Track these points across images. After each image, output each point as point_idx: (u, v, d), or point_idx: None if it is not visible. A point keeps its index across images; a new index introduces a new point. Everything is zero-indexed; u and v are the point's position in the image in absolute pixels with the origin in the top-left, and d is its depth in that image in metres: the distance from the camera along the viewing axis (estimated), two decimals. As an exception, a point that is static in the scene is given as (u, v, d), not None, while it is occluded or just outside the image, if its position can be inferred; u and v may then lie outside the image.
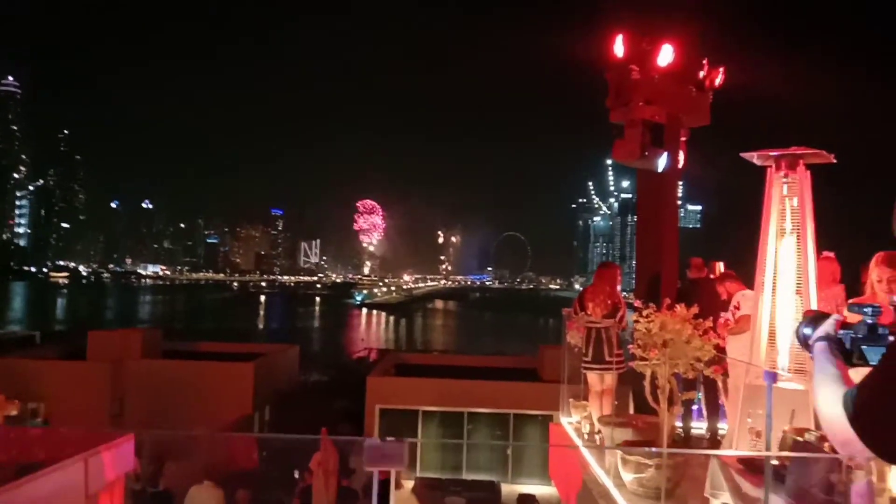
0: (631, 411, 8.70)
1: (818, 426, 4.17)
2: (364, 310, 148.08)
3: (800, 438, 3.69)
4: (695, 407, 8.61)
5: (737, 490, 4.06)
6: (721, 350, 6.78)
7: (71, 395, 19.23)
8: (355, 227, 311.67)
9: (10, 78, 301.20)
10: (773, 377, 3.75)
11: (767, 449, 3.84)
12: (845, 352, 1.73)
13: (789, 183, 6.64)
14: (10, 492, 4.72)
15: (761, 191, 6.92)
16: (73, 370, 21.02)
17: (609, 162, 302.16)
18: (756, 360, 6.33)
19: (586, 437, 8.15)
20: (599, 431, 7.80)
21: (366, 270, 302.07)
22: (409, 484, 17.71)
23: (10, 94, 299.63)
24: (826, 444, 3.69)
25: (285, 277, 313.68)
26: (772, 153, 6.75)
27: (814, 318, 1.86)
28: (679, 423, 8.19)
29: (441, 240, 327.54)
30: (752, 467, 4.02)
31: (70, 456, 5.20)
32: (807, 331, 1.85)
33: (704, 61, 10.24)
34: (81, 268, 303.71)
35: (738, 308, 7.39)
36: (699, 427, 8.73)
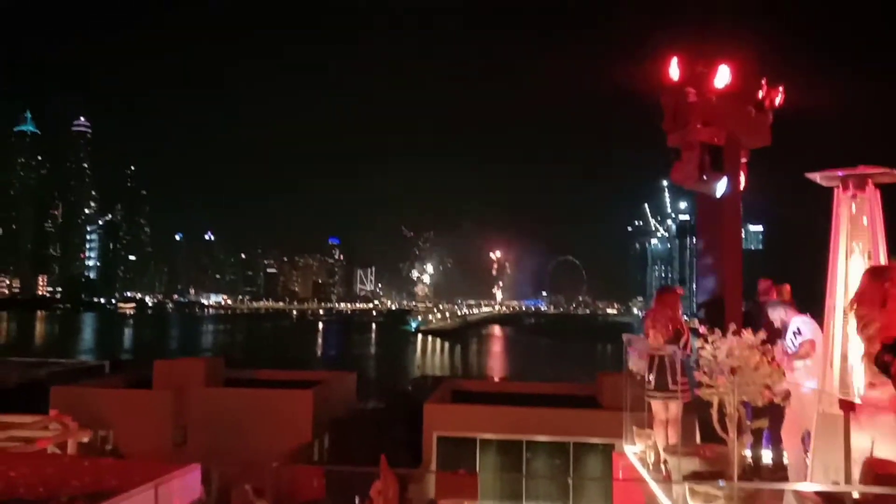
0: (697, 440, 8.44)
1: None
2: (419, 336, 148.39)
3: (882, 472, 3.52)
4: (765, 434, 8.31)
5: (815, 525, 3.88)
6: None
7: (137, 422, 19.78)
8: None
9: (82, 119, 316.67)
10: (850, 406, 3.59)
11: (847, 481, 3.66)
12: None
13: (858, 203, 6.43)
14: (84, 519, 4.83)
15: (826, 211, 6.71)
16: (139, 398, 21.64)
17: (665, 183, 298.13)
18: (829, 387, 6.08)
19: (651, 466, 7.93)
20: (665, 461, 7.58)
21: (419, 293, 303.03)
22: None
23: (81, 134, 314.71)
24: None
25: (342, 305, 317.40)
26: (838, 173, 6.54)
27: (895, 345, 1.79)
28: (748, 453, 7.90)
29: (495, 265, 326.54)
30: (831, 500, 3.85)
31: (139, 485, 5.33)
32: (888, 357, 1.78)
33: (763, 81, 10.02)
34: (147, 298, 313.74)
35: (798, 334, 7.15)
36: (767, 456, 8.41)
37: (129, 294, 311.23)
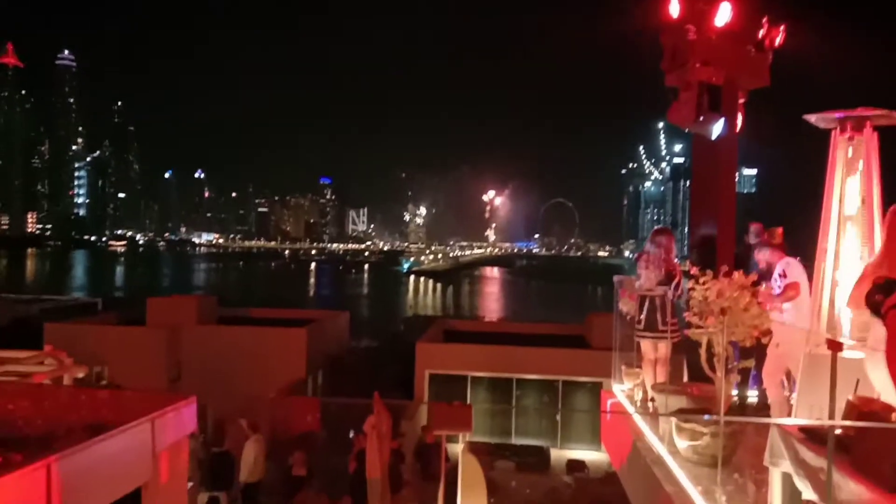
0: (685, 379, 8.61)
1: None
2: (412, 277, 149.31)
3: (866, 409, 3.61)
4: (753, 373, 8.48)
5: (798, 459, 3.99)
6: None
7: (132, 359, 20.00)
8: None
9: (67, 52, 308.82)
10: (838, 346, 3.66)
11: (831, 418, 3.76)
12: None
13: (855, 145, 6.39)
14: (81, 451, 4.92)
15: (822, 154, 6.67)
16: (133, 335, 21.82)
17: (661, 126, 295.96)
18: (817, 327, 6.18)
19: (639, 404, 8.11)
20: (653, 399, 7.74)
21: (412, 234, 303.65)
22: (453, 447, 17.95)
23: (66, 68, 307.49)
24: (894, 415, 3.59)
25: (334, 245, 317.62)
26: (836, 115, 6.48)
27: (887, 285, 1.80)
28: (735, 392, 8.07)
29: (488, 207, 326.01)
30: (814, 436, 3.95)
31: (137, 417, 5.38)
32: (879, 297, 1.79)
33: (764, 20, 9.81)
34: (138, 236, 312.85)
35: (783, 276, 7.21)
36: (753, 395, 8.61)
37: (119, 232, 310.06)
